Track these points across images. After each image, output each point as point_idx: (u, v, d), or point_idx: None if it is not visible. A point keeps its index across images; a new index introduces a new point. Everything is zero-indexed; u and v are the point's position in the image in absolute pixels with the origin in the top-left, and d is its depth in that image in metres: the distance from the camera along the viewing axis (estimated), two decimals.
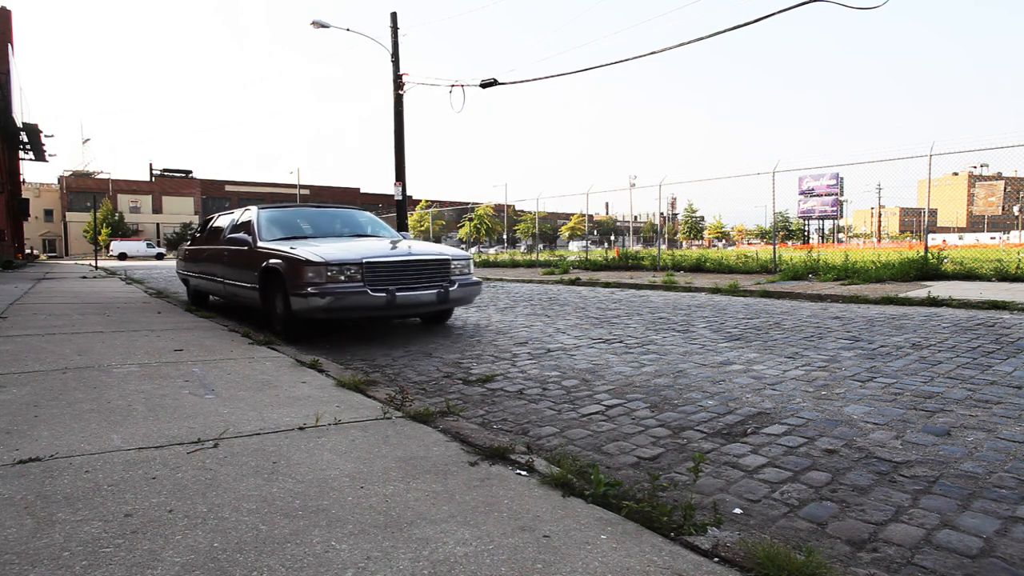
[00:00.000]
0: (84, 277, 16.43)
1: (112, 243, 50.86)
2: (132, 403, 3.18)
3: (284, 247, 6.18)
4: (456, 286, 6.33)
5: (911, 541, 2.00)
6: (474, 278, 6.75)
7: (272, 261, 6.16)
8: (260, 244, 6.67)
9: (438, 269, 6.31)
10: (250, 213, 7.49)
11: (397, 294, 5.82)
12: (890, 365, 4.52)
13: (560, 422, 3.28)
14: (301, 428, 2.79)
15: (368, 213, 8.56)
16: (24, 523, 1.82)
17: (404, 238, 7.79)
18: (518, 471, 2.30)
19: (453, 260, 6.46)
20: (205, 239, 8.94)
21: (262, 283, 6.42)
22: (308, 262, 5.67)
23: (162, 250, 50.86)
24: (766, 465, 2.64)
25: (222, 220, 8.61)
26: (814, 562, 1.60)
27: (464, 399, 3.73)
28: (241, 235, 6.99)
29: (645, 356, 5.06)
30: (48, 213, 67.39)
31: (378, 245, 6.54)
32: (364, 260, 5.79)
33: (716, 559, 1.68)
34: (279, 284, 6.07)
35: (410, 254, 6.18)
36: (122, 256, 48.47)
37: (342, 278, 5.67)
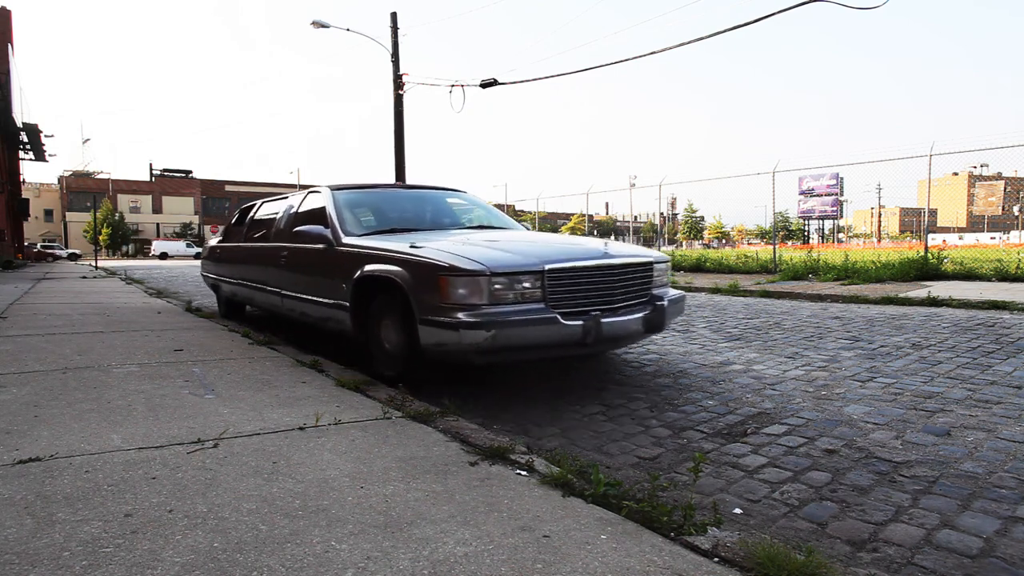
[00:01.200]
0: (84, 277, 16.44)
1: (154, 243, 52.35)
2: (132, 403, 3.18)
3: (395, 246, 4.03)
4: (666, 303, 4.13)
5: (911, 541, 2.00)
6: (674, 291, 4.57)
7: (376, 268, 4.01)
8: (347, 241, 4.55)
9: (642, 278, 4.17)
10: (321, 197, 5.29)
11: (603, 320, 3.63)
12: (890, 365, 4.52)
13: (561, 422, 3.28)
14: (301, 428, 2.79)
15: (469, 193, 6.28)
16: (24, 523, 1.82)
17: (527, 229, 5.73)
18: (518, 471, 2.30)
19: (656, 264, 4.33)
20: (246, 234, 6.76)
21: (356, 300, 4.28)
22: (456, 271, 3.44)
23: (199, 249, 51.59)
24: (766, 465, 2.64)
25: (271, 208, 6.49)
26: (814, 562, 1.60)
27: (464, 398, 3.73)
28: (312, 228, 4.83)
29: (646, 356, 5.07)
30: (48, 213, 67.38)
31: (549, 242, 4.41)
32: (547, 266, 3.56)
33: (716, 559, 1.68)
34: (392, 304, 4.00)
35: (606, 255, 3.91)
36: (163, 255, 49.16)
37: (510, 296, 3.47)
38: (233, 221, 7.70)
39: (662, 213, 19.23)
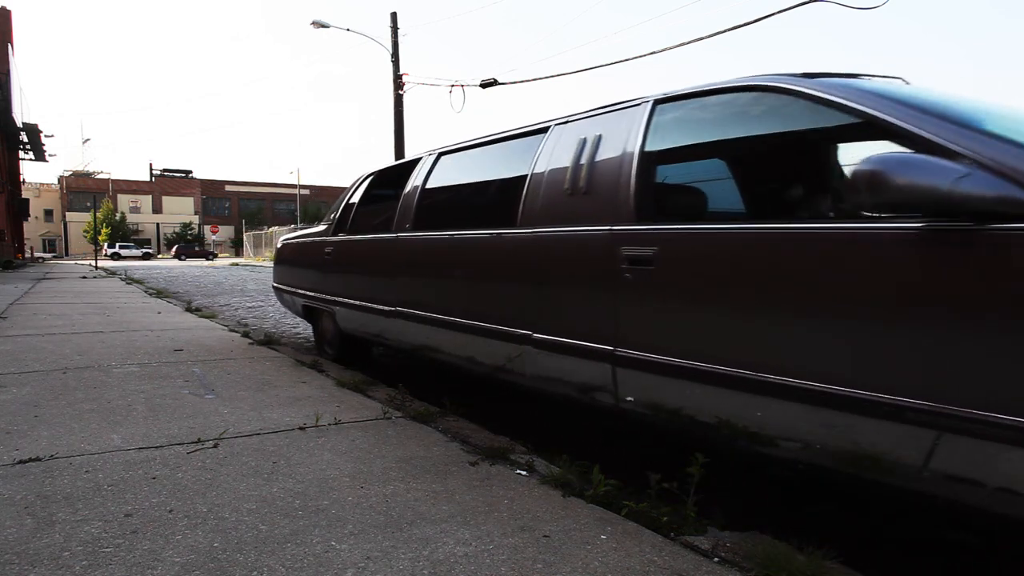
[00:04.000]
0: (84, 277, 16.44)
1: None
2: (132, 403, 3.18)
3: None
4: None
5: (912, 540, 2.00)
6: None
7: None
8: None
9: None
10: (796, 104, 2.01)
11: None
12: None
13: (561, 422, 3.28)
14: (301, 428, 2.79)
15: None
16: (24, 523, 1.82)
17: None
18: (518, 471, 2.31)
19: None
20: (416, 215, 3.68)
21: None
22: None
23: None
24: (769, 464, 2.64)
25: (500, 156, 3.37)
26: (814, 562, 1.60)
27: (464, 399, 3.73)
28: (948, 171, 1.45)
29: None
30: (48, 213, 67.39)
31: None
32: None
33: (716, 559, 1.68)
34: None
35: None
36: None
37: None
38: (358, 196, 4.55)
39: None
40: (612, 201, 2.39)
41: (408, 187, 3.86)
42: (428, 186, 3.73)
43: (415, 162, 3.97)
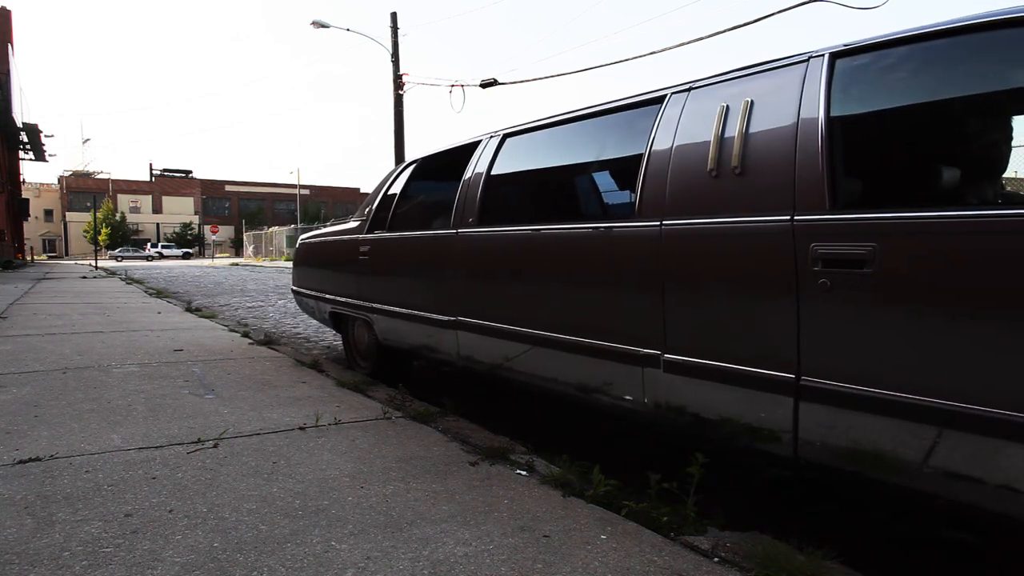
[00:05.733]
0: (84, 277, 16.43)
1: None
2: (132, 403, 3.18)
3: None
4: None
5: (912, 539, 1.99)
6: None
7: None
8: None
9: None
10: None
11: None
12: None
13: (561, 421, 3.28)
14: (301, 428, 2.79)
15: None
16: (24, 523, 1.82)
17: None
18: (518, 471, 2.31)
19: None
20: (486, 206, 3.10)
21: None
22: None
23: None
24: (768, 465, 2.64)
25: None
26: (814, 562, 1.60)
27: (465, 399, 3.73)
28: None
29: None
30: (48, 213, 67.40)
31: None
32: None
33: (716, 559, 1.68)
34: None
35: None
36: None
37: None
38: (399, 188, 4.00)
39: None
40: (785, 183, 1.84)
41: (468, 175, 3.24)
42: (494, 173, 3.12)
43: (472, 146, 3.38)
